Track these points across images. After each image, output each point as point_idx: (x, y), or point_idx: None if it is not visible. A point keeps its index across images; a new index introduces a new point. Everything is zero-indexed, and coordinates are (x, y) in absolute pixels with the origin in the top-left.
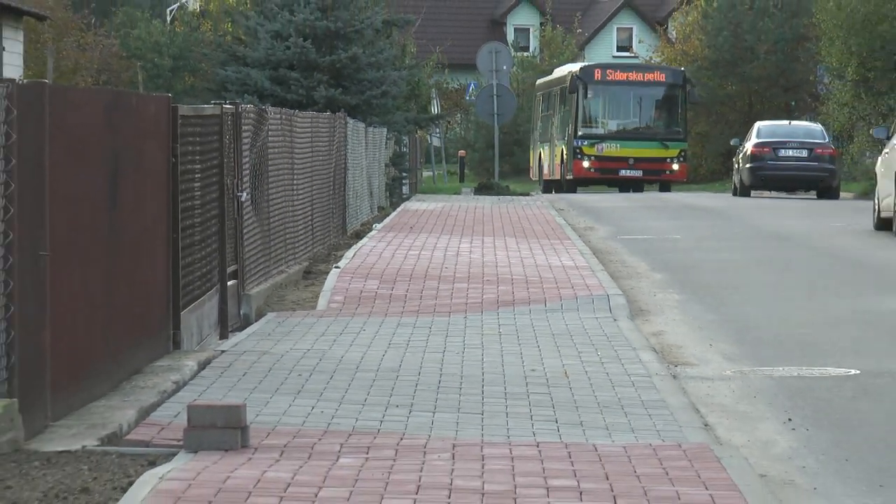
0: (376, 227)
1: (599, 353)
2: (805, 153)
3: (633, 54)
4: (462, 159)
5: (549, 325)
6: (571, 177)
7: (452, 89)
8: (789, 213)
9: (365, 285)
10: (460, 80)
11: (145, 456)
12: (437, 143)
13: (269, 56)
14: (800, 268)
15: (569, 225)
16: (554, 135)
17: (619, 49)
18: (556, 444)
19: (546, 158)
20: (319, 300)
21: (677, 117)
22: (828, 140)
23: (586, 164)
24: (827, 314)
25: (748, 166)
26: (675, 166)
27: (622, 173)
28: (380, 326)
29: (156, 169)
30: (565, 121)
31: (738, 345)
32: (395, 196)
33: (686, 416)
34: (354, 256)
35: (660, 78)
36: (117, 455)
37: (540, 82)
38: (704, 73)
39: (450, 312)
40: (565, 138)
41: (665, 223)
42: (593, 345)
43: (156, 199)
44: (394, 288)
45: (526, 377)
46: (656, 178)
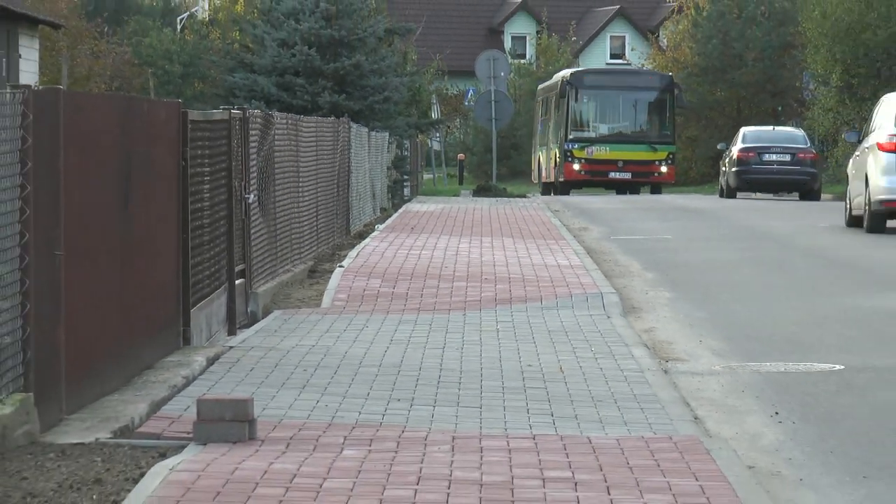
0: (379, 227)
1: (593, 349)
2: (788, 157)
3: (625, 61)
4: (461, 162)
5: (545, 323)
6: (563, 179)
7: (452, 95)
8: (774, 214)
9: (368, 284)
10: (459, 86)
11: (156, 448)
12: (437, 147)
13: (276, 63)
14: (787, 267)
15: (564, 226)
16: (550, 138)
17: (613, 56)
18: (551, 436)
19: (544, 161)
20: (324, 298)
21: (665, 121)
22: (809, 145)
23: (577, 167)
24: (813, 311)
25: (734, 170)
26: (664, 168)
27: (612, 175)
28: (382, 323)
29: (166, 172)
30: (558, 125)
31: (726, 341)
32: (396, 198)
33: (677, 410)
34: (357, 256)
35: (648, 83)
36: (129, 447)
37: (540, 88)
38: (694, 80)
39: (449, 310)
40: (558, 142)
41: (656, 224)
42: (587, 341)
43: (166, 201)
44: (395, 286)
45: (523, 372)
46: (645, 180)
